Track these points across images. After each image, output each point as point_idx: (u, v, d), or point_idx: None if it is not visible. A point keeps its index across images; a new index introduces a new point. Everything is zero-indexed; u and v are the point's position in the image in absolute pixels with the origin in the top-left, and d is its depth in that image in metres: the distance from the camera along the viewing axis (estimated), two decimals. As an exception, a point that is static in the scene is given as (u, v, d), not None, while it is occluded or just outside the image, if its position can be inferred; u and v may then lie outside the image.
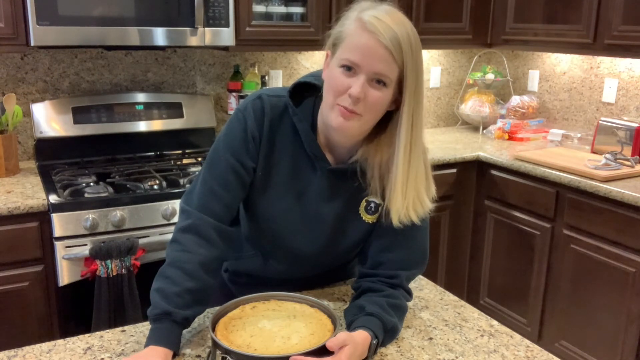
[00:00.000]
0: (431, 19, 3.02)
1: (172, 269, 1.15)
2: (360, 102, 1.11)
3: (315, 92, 1.25)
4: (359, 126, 1.15)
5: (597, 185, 2.40)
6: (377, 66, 1.10)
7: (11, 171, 2.35)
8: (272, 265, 1.36)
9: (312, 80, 1.25)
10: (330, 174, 1.24)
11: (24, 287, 2.07)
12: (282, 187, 1.25)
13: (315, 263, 1.36)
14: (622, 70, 2.97)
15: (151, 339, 1.09)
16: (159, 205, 2.19)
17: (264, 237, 1.32)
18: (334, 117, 1.13)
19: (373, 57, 1.09)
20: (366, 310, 1.16)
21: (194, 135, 2.79)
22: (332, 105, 1.14)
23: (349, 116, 1.12)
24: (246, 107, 1.23)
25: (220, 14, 2.42)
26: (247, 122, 1.22)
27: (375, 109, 1.14)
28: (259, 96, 1.24)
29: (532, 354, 1.16)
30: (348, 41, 1.12)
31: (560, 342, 2.66)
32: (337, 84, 1.12)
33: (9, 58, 2.50)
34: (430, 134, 3.47)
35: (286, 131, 1.24)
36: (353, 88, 1.10)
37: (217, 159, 1.23)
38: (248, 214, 1.33)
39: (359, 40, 1.10)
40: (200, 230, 1.19)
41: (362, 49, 1.09)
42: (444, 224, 2.99)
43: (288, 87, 1.25)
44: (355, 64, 1.10)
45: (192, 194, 1.23)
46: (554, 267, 2.66)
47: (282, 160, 1.25)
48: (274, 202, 1.26)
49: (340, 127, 1.14)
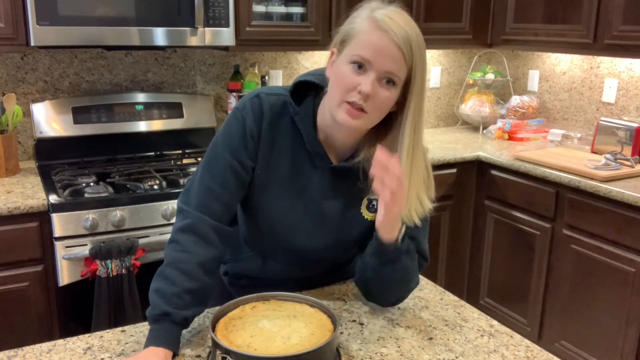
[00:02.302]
0: (431, 19, 3.02)
1: (170, 270, 1.15)
2: (369, 100, 1.11)
3: (315, 90, 1.25)
4: (364, 124, 1.16)
5: (597, 185, 2.40)
6: (388, 65, 1.10)
7: (11, 171, 2.35)
8: (272, 266, 1.36)
9: (312, 78, 1.24)
10: (331, 172, 1.25)
11: (24, 287, 2.07)
12: (282, 185, 1.25)
13: (316, 262, 1.36)
14: (622, 70, 2.97)
15: (150, 340, 1.09)
16: (159, 205, 2.19)
17: (264, 237, 1.32)
18: (341, 113, 1.13)
19: (385, 56, 1.09)
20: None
21: (194, 135, 2.79)
22: (340, 102, 1.13)
23: (355, 114, 1.12)
24: (244, 106, 1.23)
25: (220, 14, 2.42)
26: (246, 120, 1.22)
27: (382, 109, 1.14)
28: (257, 95, 1.24)
29: (532, 354, 1.16)
30: (360, 38, 1.12)
31: (560, 342, 2.66)
32: (346, 80, 1.12)
33: (9, 58, 2.50)
34: (430, 134, 3.46)
35: (285, 129, 1.24)
36: (363, 85, 1.10)
37: (215, 157, 1.23)
38: (247, 214, 1.33)
39: (371, 38, 1.10)
40: (198, 230, 1.18)
41: (375, 46, 1.09)
42: (444, 224, 2.99)
43: (286, 86, 1.25)
44: (367, 60, 1.10)
45: (190, 193, 1.23)
46: (554, 267, 2.66)
47: (281, 159, 1.24)
48: (274, 200, 1.26)
49: (346, 123, 1.14)
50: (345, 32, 1.16)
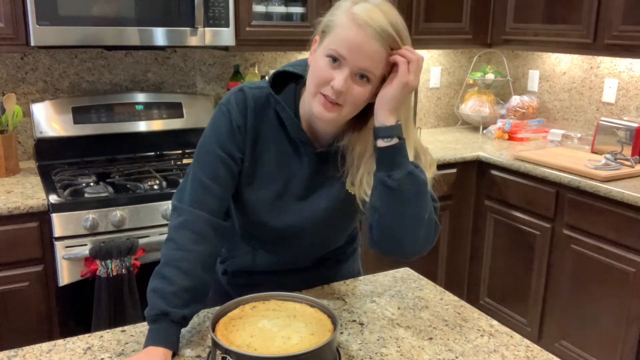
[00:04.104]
0: (431, 18, 3.02)
1: (168, 268, 1.15)
2: (342, 95, 1.12)
3: (295, 80, 1.26)
4: (339, 117, 1.16)
5: (597, 185, 2.40)
6: (362, 62, 1.10)
7: (11, 171, 2.35)
8: (269, 258, 1.37)
9: (291, 69, 1.26)
10: (316, 158, 1.26)
11: (24, 287, 2.07)
12: (270, 175, 1.27)
13: (311, 248, 1.37)
14: (622, 70, 2.97)
15: (150, 340, 1.09)
16: (159, 205, 2.19)
17: (256, 228, 1.33)
18: (316, 105, 1.15)
19: (360, 53, 1.10)
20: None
21: (194, 135, 2.78)
22: (315, 93, 1.15)
23: (330, 107, 1.14)
24: (229, 100, 1.25)
25: (220, 14, 2.42)
26: (232, 114, 1.23)
27: (356, 103, 1.15)
28: (240, 89, 1.26)
29: (532, 354, 1.16)
30: (337, 32, 1.12)
31: (560, 342, 2.66)
32: (321, 74, 1.13)
33: (9, 58, 2.50)
34: (430, 134, 3.46)
35: (270, 121, 1.25)
36: (336, 81, 1.11)
37: (205, 153, 1.24)
38: (238, 207, 1.33)
39: (348, 34, 1.10)
40: (194, 226, 1.19)
41: (350, 43, 1.10)
42: (444, 224, 2.99)
43: (268, 78, 1.27)
44: (341, 56, 1.11)
45: (184, 191, 1.24)
46: (554, 267, 2.66)
47: (267, 150, 1.26)
48: (262, 190, 1.27)
49: (321, 115, 1.15)
50: (325, 23, 1.17)
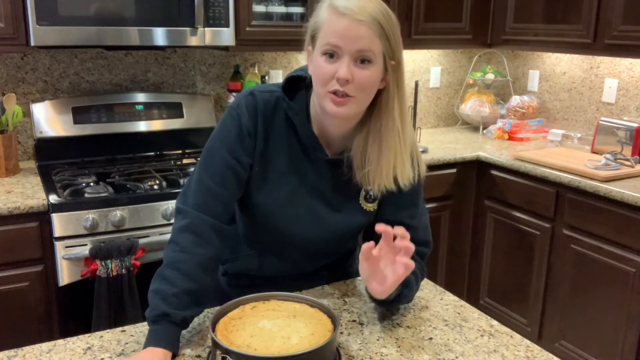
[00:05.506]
0: (431, 18, 3.02)
1: (170, 270, 1.15)
2: (349, 84, 1.12)
3: (306, 87, 1.26)
4: (354, 109, 1.16)
5: (597, 185, 2.40)
6: (358, 44, 1.11)
7: (11, 171, 2.35)
8: (272, 263, 1.37)
9: (303, 73, 1.26)
10: (327, 165, 1.25)
11: (24, 287, 2.07)
12: (280, 180, 1.26)
13: (315, 256, 1.37)
14: (622, 70, 2.97)
15: (150, 341, 1.09)
16: (159, 205, 2.19)
17: (263, 233, 1.33)
18: (328, 104, 1.15)
19: (352, 37, 1.10)
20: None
21: (194, 135, 2.79)
22: (324, 94, 1.15)
23: (341, 102, 1.13)
24: (239, 104, 1.24)
25: (220, 14, 2.42)
26: (241, 118, 1.23)
27: (367, 88, 1.15)
28: (250, 92, 1.26)
29: (532, 354, 1.16)
30: (325, 28, 1.13)
31: (560, 342, 2.66)
32: (323, 72, 1.13)
33: (9, 58, 2.50)
34: (430, 134, 3.46)
35: (280, 125, 1.25)
36: (340, 71, 1.11)
37: (213, 156, 1.23)
38: (245, 212, 1.33)
39: (336, 25, 1.11)
40: (197, 229, 1.19)
41: (340, 31, 1.11)
42: (444, 223, 2.99)
43: (278, 83, 1.27)
44: (336, 46, 1.11)
45: (188, 193, 1.23)
46: (554, 267, 2.66)
47: (277, 155, 1.25)
48: (272, 196, 1.27)
49: (335, 113, 1.15)
50: (312, 28, 1.18)
